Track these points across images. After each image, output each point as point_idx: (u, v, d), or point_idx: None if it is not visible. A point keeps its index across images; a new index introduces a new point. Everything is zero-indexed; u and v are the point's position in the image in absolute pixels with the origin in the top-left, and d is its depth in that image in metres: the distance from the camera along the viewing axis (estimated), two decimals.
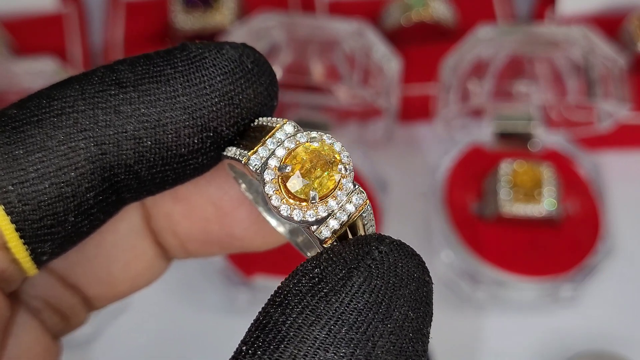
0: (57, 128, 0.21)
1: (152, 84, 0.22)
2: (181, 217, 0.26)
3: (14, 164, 0.21)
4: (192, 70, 0.22)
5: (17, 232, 0.21)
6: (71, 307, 0.26)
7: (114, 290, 0.27)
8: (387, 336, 0.19)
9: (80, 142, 0.21)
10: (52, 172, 0.21)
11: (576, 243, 0.52)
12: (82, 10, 0.64)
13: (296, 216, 0.22)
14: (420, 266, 0.21)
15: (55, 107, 0.22)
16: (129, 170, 0.22)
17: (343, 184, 0.22)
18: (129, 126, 0.22)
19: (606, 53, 0.53)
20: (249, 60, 0.23)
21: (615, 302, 0.53)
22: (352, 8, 0.62)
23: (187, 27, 0.59)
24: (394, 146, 0.59)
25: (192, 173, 0.23)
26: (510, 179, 0.52)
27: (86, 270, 0.26)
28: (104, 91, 0.22)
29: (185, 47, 0.23)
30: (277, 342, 0.19)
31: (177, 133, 0.22)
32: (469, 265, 0.51)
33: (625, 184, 0.57)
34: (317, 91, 0.55)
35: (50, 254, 0.23)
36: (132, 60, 0.22)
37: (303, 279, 0.20)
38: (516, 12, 0.64)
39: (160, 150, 0.22)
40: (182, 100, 0.22)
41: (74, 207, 0.22)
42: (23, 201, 0.21)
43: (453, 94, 0.53)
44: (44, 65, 0.53)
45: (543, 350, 0.51)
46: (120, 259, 0.26)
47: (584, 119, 0.56)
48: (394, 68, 0.54)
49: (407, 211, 0.56)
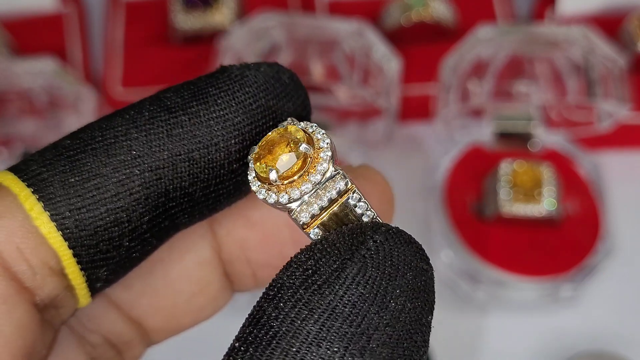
0: (112, 156, 0.22)
1: (200, 106, 0.22)
2: (256, 243, 0.26)
3: (71, 190, 0.21)
4: (237, 89, 0.23)
5: (74, 257, 0.22)
6: (128, 342, 0.26)
7: (176, 323, 0.27)
8: (383, 328, 0.19)
9: (135, 169, 0.22)
10: (108, 198, 0.22)
11: (576, 243, 0.52)
12: (82, 10, 0.64)
13: (269, 198, 0.21)
14: (418, 254, 0.20)
15: (108, 136, 0.22)
16: (183, 193, 0.23)
17: (317, 167, 0.21)
18: (182, 149, 0.22)
19: (606, 53, 0.53)
20: (285, 76, 0.24)
21: (615, 302, 0.53)
22: (352, 8, 0.62)
23: (187, 27, 0.60)
24: (394, 146, 0.59)
25: (242, 190, 0.24)
26: (510, 179, 0.52)
27: (151, 302, 0.26)
28: (155, 118, 0.22)
29: (225, 69, 0.23)
30: (269, 338, 0.19)
31: (228, 149, 0.23)
32: (469, 265, 0.51)
33: (625, 184, 0.57)
34: (317, 91, 0.55)
35: (104, 280, 0.23)
36: (176, 87, 0.23)
37: (297, 271, 0.20)
38: (516, 12, 0.64)
39: (214, 169, 0.23)
40: (230, 118, 0.23)
41: (128, 232, 0.22)
42: (80, 227, 0.21)
43: (453, 94, 0.53)
44: (44, 65, 0.53)
45: (543, 350, 0.51)
46: (186, 290, 0.26)
47: (584, 119, 0.56)
48: (394, 68, 0.54)
49: (407, 211, 0.56)
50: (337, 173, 0.22)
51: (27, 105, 0.54)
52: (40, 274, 0.21)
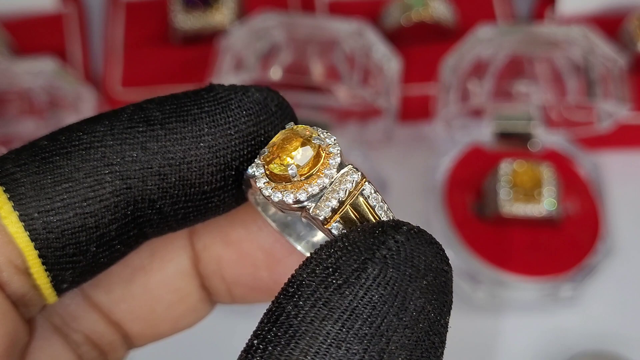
0: (85, 161, 0.22)
1: (179, 123, 0.22)
2: (231, 261, 0.26)
3: (41, 192, 0.22)
4: (218, 111, 0.23)
5: (39, 258, 0.22)
6: (110, 344, 0.27)
7: (155, 330, 0.27)
8: (402, 330, 0.19)
9: (107, 176, 0.22)
10: (78, 203, 0.22)
11: (576, 243, 0.52)
12: (82, 10, 0.64)
13: (287, 198, 0.21)
14: (439, 254, 0.20)
15: (84, 141, 0.22)
16: (152, 205, 0.23)
17: (330, 163, 0.22)
18: (154, 162, 0.22)
19: (606, 53, 0.53)
20: (273, 104, 0.23)
21: (615, 302, 0.53)
22: (352, 8, 0.62)
23: (187, 27, 0.60)
24: (394, 146, 0.59)
25: (214, 210, 0.24)
26: (510, 178, 0.52)
27: (130, 307, 0.26)
28: (132, 128, 0.22)
29: (212, 88, 0.23)
30: (288, 337, 0.19)
31: (201, 171, 0.23)
32: (469, 265, 0.51)
33: (625, 184, 0.57)
34: (317, 91, 0.55)
35: (70, 282, 0.23)
36: (160, 99, 0.23)
37: (317, 269, 0.20)
38: (516, 12, 0.64)
39: (184, 187, 0.23)
40: (207, 140, 0.22)
41: (96, 237, 0.22)
42: (47, 229, 0.22)
43: (453, 94, 0.53)
44: (44, 65, 0.53)
45: (543, 350, 0.51)
46: (165, 299, 0.27)
47: (584, 119, 0.56)
48: (394, 68, 0.54)
49: (407, 211, 0.56)
50: (348, 166, 0.22)
51: (27, 105, 0.54)
52: (6, 272, 0.22)
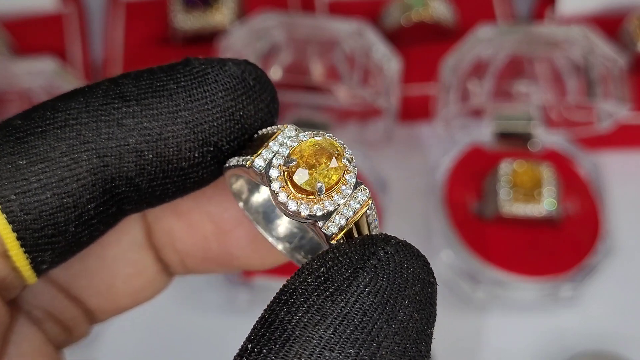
0: (60, 140, 0.22)
1: (154, 98, 0.22)
2: (181, 233, 0.26)
3: (17, 173, 0.21)
4: (195, 86, 0.22)
5: (18, 240, 0.22)
6: (73, 319, 0.27)
7: (115, 304, 0.27)
8: (392, 337, 0.19)
9: (83, 154, 0.22)
10: (55, 183, 0.21)
11: (576, 243, 0.52)
12: (82, 10, 0.64)
13: (303, 211, 0.21)
14: (426, 267, 0.21)
15: (59, 119, 0.22)
16: (129, 183, 0.22)
17: (347, 180, 0.22)
18: (131, 139, 0.22)
19: (606, 53, 0.53)
20: (250, 77, 0.23)
21: (615, 302, 0.53)
22: (352, 8, 0.62)
23: (187, 27, 0.60)
24: (394, 146, 0.59)
25: (192, 186, 0.24)
26: (510, 179, 0.52)
27: (88, 282, 0.26)
28: (108, 104, 0.22)
29: (189, 62, 0.23)
30: (282, 340, 0.19)
31: (179, 147, 0.22)
32: (469, 265, 0.51)
33: (625, 184, 0.57)
34: (317, 91, 0.55)
35: (50, 262, 0.23)
36: (136, 74, 0.23)
37: (309, 277, 0.20)
38: (516, 12, 0.64)
39: (162, 164, 0.22)
40: (184, 115, 0.22)
41: (74, 217, 0.22)
42: (25, 210, 0.21)
43: (453, 94, 0.53)
44: (44, 65, 0.53)
45: (543, 350, 0.51)
46: (122, 272, 0.27)
47: (584, 119, 0.56)
48: (394, 68, 0.54)
49: (407, 211, 0.56)
50: (361, 185, 0.22)
51: (27, 105, 0.54)
52: None
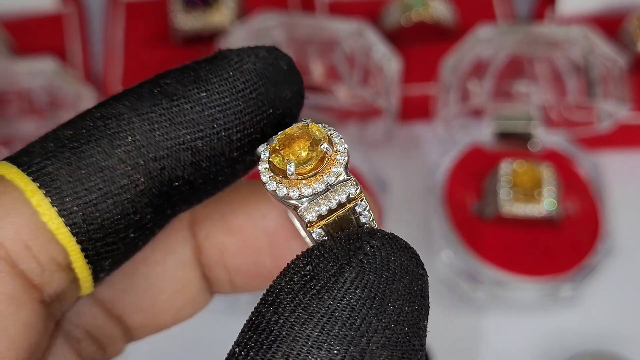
0: (116, 147, 0.22)
1: (201, 93, 0.22)
2: (234, 249, 0.26)
3: (78, 184, 0.21)
4: (237, 77, 0.23)
5: (82, 252, 0.21)
6: (110, 337, 0.26)
7: (156, 322, 0.27)
8: (382, 331, 0.19)
9: (140, 159, 0.22)
10: (115, 191, 0.21)
11: (576, 243, 0.52)
12: (82, 10, 0.64)
13: (280, 191, 0.21)
14: (414, 259, 0.20)
15: (111, 125, 0.22)
16: (185, 182, 0.23)
17: (332, 169, 0.21)
18: (185, 137, 0.22)
19: (606, 53, 0.53)
20: (283, 63, 0.23)
21: (615, 302, 0.53)
22: (352, 8, 0.62)
23: (187, 27, 0.60)
24: (394, 146, 0.59)
25: (238, 175, 0.24)
26: (510, 178, 0.52)
27: (132, 299, 0.26)
28: (157, 105, 0.22)
29: (224, 54, 0.23)
30: (269, 341, 0.19)
31: (230, 138, 0.22)
32: (469, 265, 0.51)
33: (625, 184, 0.57)
34: (317, 91, 0.55)
35: (108, 270, 0.23)
36: (175, 72, 0.23)
37: (295, 276, 0.20)
38: (516, 12, 0.64)
39: (215, 157, 0.23)
40: (231, 106, 0.22)
41: (134, 223, 0.22)
42: (88, 221, 0.21)
43: (453, 94, 0.53)
44: (44, 65, 0.53)
45: (543, 350, 0.51)
46: (166, 290, 0.26)
47: (584, 119, 0.56)
48: (394, 68, 0.54)
49: (407, 211, 0.56)
50: (349, 178, 0.22)
51: (27, 105, 0.54)
52: (48, 271, 0.21)
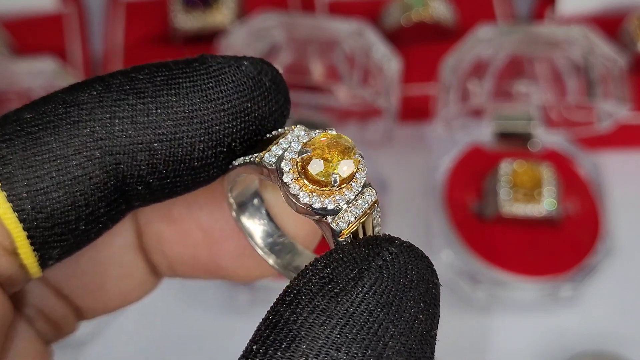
0: (74, 136, 0.21)
1: (170, 97, 0.22)
2: (171, 239, 0.26)
3: (29, 171, 0.21)
4: (212, 85, 0.22)
5: (28, 239, 0.21)
6: (62, 317, 0.26)
7: (104, 304, 0.27)
8: (398, 337, 0.19)
9: (96, 152, 0.21)
10: (67, 181, 0.21)
11: (576, 243, 0.52)
12: (82, 10, 0.64)
13: (315, 203, 0.21)
14: (430, 268, 0.21)
15: (72, 114, 0.21)
16: (141, 180, 0.22)
17: (357, 177, 0.22)
18: (144, 137, 0.22)
19: (606, 53, 0.53)
20: (267, 78, 0.23)
21: (615, 302, 0.53)
22: (352, 8, 0.62)
23: (187, 27, 0.60)
24: (394, 146, 0.59)
25: (201, 184, 0.24)
26: (510, 178, 0.52)
27: (79, 282, 0.26)
28: (122, 100, 0.22)
29: (205, 60, 0.23)
30: (288, 340, 0.19)
31: (192, 147, 0.22)
32: (469, 265, 0.51)
33: (625, 184, 0.57)
34: (317, 91, 0.55)
35: (56, 258, 0.23)
36: (151, 69, 0.22)
37: (313, 278, 0.20)
38: (516, 12, 0.64)
39: (174, 163, 0.22)
40: (199, 115, 0.22)
41: (85, 215, 0.22)
42: (36, 209, 0.21)
43: (453, 94, 0.53)
44: (44, 65, 0.53)
45: (543, 350, 0.51)
46: (113, 273, 0.26)
47: (584, 119, 0.56)
48: (394, 68, 0.54)
49: (407, 211, 0.56)
50: (369, 184, 0.22)
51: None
52: None
